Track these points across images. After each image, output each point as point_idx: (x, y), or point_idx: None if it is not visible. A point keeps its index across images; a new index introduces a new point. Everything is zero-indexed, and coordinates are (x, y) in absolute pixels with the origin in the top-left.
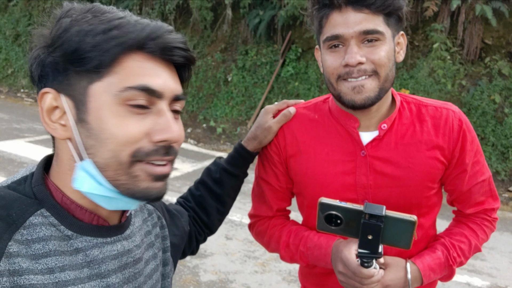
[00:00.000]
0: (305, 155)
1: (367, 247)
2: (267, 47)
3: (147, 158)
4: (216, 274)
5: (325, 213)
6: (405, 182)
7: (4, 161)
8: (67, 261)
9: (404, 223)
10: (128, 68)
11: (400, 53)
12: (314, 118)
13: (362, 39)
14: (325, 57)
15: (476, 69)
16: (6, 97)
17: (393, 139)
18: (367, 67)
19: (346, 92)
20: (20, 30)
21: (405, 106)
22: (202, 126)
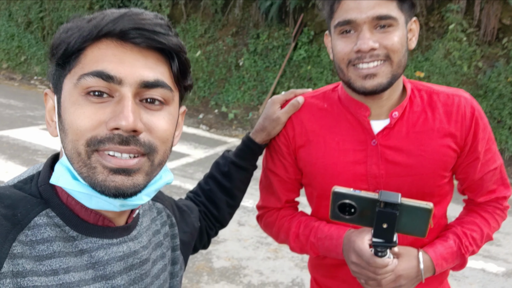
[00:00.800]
0: (315, 145)
1: (381, 236)
2: (278, 30)
3: (100, 147)
4: (229, 260)
5: (338, 202)
6: (417, 171)
7: (19, 148)
8: (71, 262)
9: (420, 210)
10: (90, 57)
11: (412, 40)
12: (323, 107)
13: (375, 24)
14: (336, 43)
15: (493, 51)
16: (19, 85)
17: (404, 127)
18: (379, 52)
19: (356, 79)
20: (32, 17)
21: (416, 93)
22: (214, 111)
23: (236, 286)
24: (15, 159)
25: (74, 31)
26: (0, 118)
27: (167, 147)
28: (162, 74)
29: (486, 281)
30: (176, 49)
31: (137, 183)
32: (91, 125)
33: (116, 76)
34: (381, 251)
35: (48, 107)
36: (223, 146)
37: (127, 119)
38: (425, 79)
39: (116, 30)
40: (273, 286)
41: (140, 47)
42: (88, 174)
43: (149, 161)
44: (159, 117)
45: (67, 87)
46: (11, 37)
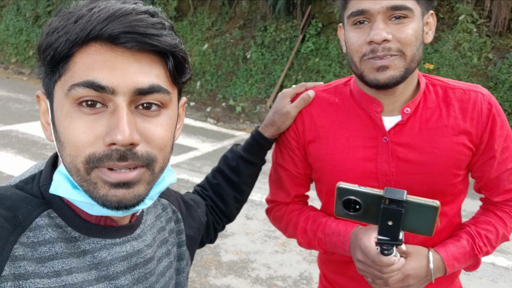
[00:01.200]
0: (324, 141)
1: (387, 234)
2: (286, 23)
3: (100, 164)
4: (237, 254)
5: (343, 198)
6: (429, 169)
7: (28, 143)
8: (74, 263)
9: (426, 208)
10: (79, 64)
11: (428, 33)
12: (334, 102)
13: (389, 15)
14: (349, 34)
15: (504, 42)
16: (28, 79)
17: (417, 124)
18: (392, 46)
19: (369, 71)
20: (39, 11)
21: (430, 89)
22: (221, 105)
23: (244, 280)
24: (24, 154)
25: (60, 33)
26: (9, 113)
27: (166, 153)
28: (157, 77)
29: (496, 275)
30: (170, 49)
31: (138, 194)
32: (88, 140)
33: (108, 86)
34: (387, 249)
35: (42, 110)
36: (230, 139)
37: (123, 133)
38: (435, 71)
39: (105, 35)
40: (281, 280)
41: (133, 51)
42: (88, 189)
43: (149, 171)
44: (156, 124)
45: (58, 95)
46: (20, 31)
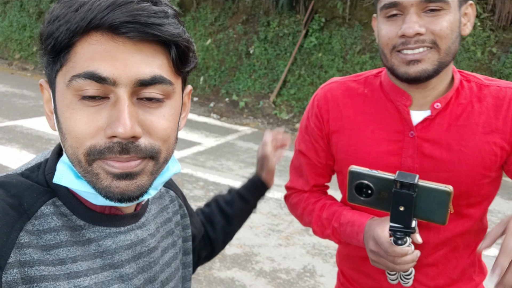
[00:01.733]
0: (349, 132)
1: (399, 221)
2: (289, 18)
3: (102, 157)
4: (240, 247)
5: (355, 183)
6: (455, 167)
7: (32, 138)
8: (79, 251)
9: (439, 193)
10: (80, 54)
11: (467, 25)
12: (362, 92)
13: (423, 7)
14: (381, 26)
15: (507, 36)
16: (32, 75)
17: (446, 120)
18: (425, 38)
19: (399, 64)
20: (43, 7)
21: (465, 85)
22: (225, 100)
23: (248, 273)
24: (29, 149)
25: (61, 22)
26: (14, 108)
27: (170, 144)
28: (159, 68)
29: None
30: (172, 39)
31: (141, 185)
32: (89, 132)
33: (109, 77)
34: (400, 239)
35: (46, 99)
36: (234, 134)
37: (124, 126)
38: None
39: (105, 24)
40: (284, 273)
41: (134, 40)
42: (91, 180)
43: (153, 161)
44: (159, 115)
45: (60, 85)
46: (23, 27)
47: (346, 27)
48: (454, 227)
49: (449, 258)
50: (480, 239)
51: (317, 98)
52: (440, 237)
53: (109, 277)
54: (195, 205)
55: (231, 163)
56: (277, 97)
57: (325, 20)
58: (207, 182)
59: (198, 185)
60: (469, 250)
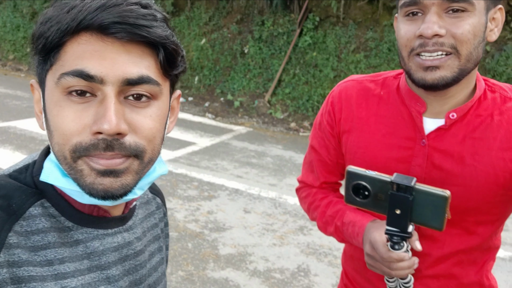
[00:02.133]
0: (359, 133)
1: (395, 224)
2: (283, 17)
3: (87, 154)
4: (235, 247)
5: (352, 183)
6: (465, 182)
7: (26, 139)
8: (67, 253)
9: (436, 197)
10: (69, 53)
11: (494, 30)
12: (378, 94)
13: (446, 7)
14: (400, 26)
15: (501, 34)
16: (26, 76)
17: (462, 131)
18: (445, 41)
19: (416, 69)
20: (36, 8)
21: (488, 95)
22: (220, 99)
23: (242, 273)
24: (22, 150)
25: (52, 23)
26: (7, 109)
27: (155, 144)
28: (147, 68)
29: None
30: (160, 41)
31: (125, 183)
32: (76, 129)
33: (97, 75)
34: (396, 243)
35: (36, 99)
36: (229, 134)
37: (110, 122)
38: None
39: (95, 24)
40: (278, 273)
41: (123, 41)
42: (76, 176)
43: (138, 160)
44: (145, 115)
45: (49, 84)
46: (17, 28)
47: (340, 26)
48: (460, 243)
49: (453, 272)
50: (489, 257)
51: (332, 95)
52: (443, 250)
53: (95, 278)
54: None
55: (226, 163)
56: (272, 96)
57: (320, 19)
58: (201, 182)
59: (192, 185)
60: (476, 267)
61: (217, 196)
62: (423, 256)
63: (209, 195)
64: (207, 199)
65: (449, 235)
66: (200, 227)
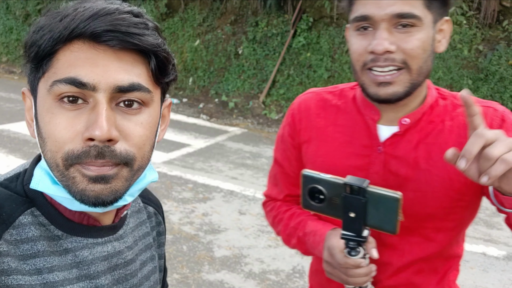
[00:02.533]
0: (318, 142)
1: (350, 228)
2: (277, 18)
3: (79, 161)
4: (230, 249)
5: (308, 187)
6: (420, 187)
7: (19, 142)
8: (56, 261)
9: (387, 199)
10: (62, 61)
11: (441, 42)
12: (336, 104)
13: (395, 23)
14: (352, 40)
15: (493, 33)
16: (19, 78)
17: (416, 137)
18: (396, 57)
19: (370, 84)
20: (29, 10)
21: (440, 102)
22: (214, 101)
23: (237, 275)
24: (16, 153)
25: (45, 31)
26: (0, 112)
27: (145, 151)
28: (138, 76)
29: (487, 265)
30: (152, 49)
31: (115, 189)
32: (69, 136)
33: (89, 82)
34: (353, 249)
35: (27, 107)
36: (223, 135)
37: (101, 129)
38: None
39: (87, 32)
40: (274, 274)
41: (115, 49)
42: (67, 184)
43: (127, 168)
44: (136, 122)
45: (41, 91)
46: (10, 30)
47: (334, 27)
48: (419, 251)
49: (414, 282)
50: (450, 266)
51: (292, 108)
52: (403, 259)
53: (84, 287)
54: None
55: (221, 164)
56: (266, 97)
57: (313, 19)
58: (196, 184)
59: (187, 187)
60: (437, 277)
61: (212, 198)
62: (384, 266)
63: (204, 197)
64: (202, 201)
65: (408, 243)
66: (195, 229)
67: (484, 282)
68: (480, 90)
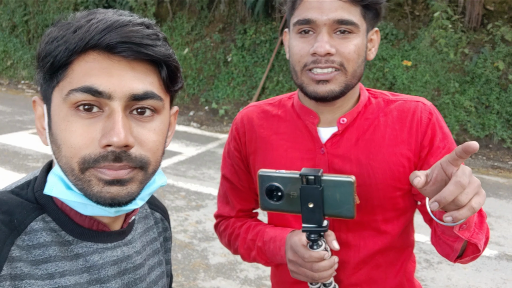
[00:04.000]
0: (264, 152)
1: (310, 220)
2: (265, 25)
3: (96, 165)
4: (224, 256)
5: (265, 186)
6: (365, 181)
7: (9, 154)
8: (67, 266)
9: (343, 184)
10: (77, 71)
11: (371, 50)
12: (276, 114)
13: (335, 28)
14: (293, 43)
15: (478, 37)
16: (7, 89)
17: (354, 135)
18: (335, 59)
19: (309, 83)
20: (16, 21)
21: (372, 101)
22: (204, 108)
23: (233, 282)
24: (6, 165)
25: (59, 42)
26: None
27: (158, 156)
28: (151, 84)
29: (479, 265)
30: (164, 59)
31: (131, 192)
32: (84, 143)
33: (105, 91)
34: (314, 241)
35: (38, 115)
36: (214, 142)
37: (119, 135)
38: (412, 68)
39: (103, 44)
40: (269, 280)
41: (129, 59)
42: (83, 187)
43: (142, 171)
44: (149, 129)
45: (56, 100)
46: None
47: None
48: (373, 244)
49: (373, 277)
50: (406, 257)
51: (235, 122)
52: (360, 255)
53: None
54: (177, 216)
55: (213, 172)
56: None
57: None
58: (188, 192)
59: (179, 195)
60: (394, 270)
61: (205, 205)
62: (342, 264)
63: (197, 204)
64: (195, 209)
65: (362, 238)
66: (189, 237)
67: (477, 282)
68: (466, 93)
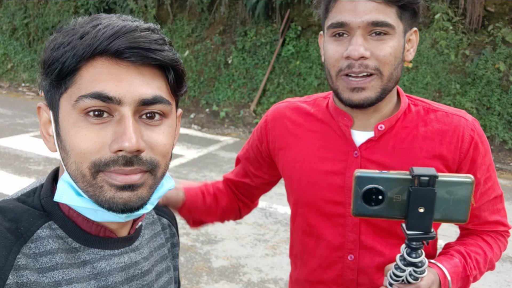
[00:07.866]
0: (295, 149)
1: (417, 226)
2: (266, 27)
3: (107, 169)
4: (227, 259)
5: (363, 189)
6: None
7: (10, 157)
8: (74, 273)
9: (460, 185)
10: (86, 77)
11: (410, 51)
12: (310, 112)
13: (370, 30)
14: (328, 46)
15: (479, 38)
16: (7, 92)
17: (391, 143)
18: (370, 63)
19: (344, 89)
20: (16, 24)
21: (412, 108)
22: (205, 111)
23: (236, 285)
24: (7, 168)
25: (66, 49)
26: None
27: (167, 159)
28: (159, 89)
29: None
30: (171, 63)
31: (142, 197)
32: (94, 148)
33: (115, 96)
34: (414, 250)
35: (43, 121)
36: (215, 145)
37: (130, 140)
38: (413, 70)
39: (111, 50)
40: (272, 283)
41: (136, 64)
42: (94, 193)
43: (152, 175)
44: (159, 132)
45: (65, 107)
46: None
47: None
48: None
49: None
50: None
51: (267, 115)
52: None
53: None
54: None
55: (214, 174)
56: (257, 106)
57: (302, 28)
58: None
59: None
60: None
61: None
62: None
63: None
64: None
65: (388, 246)
66: (192, 240)
67: (480, 284)
68: (468, 94)
